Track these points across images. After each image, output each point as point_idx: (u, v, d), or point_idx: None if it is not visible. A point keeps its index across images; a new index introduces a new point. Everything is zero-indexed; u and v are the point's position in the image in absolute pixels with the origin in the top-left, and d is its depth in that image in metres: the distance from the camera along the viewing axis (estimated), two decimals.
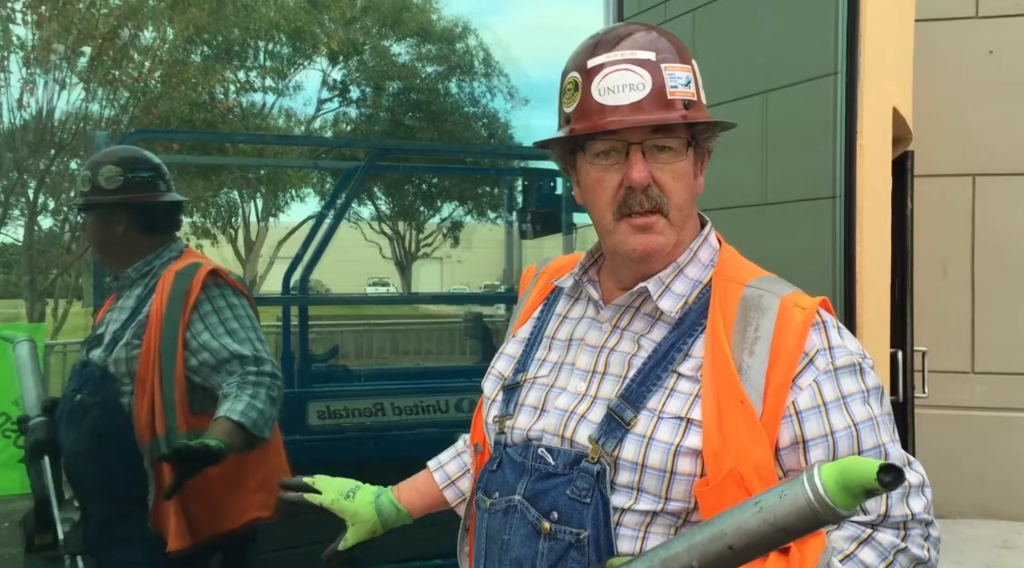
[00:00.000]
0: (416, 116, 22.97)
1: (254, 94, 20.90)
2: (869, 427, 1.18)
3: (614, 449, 1.19)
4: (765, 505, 0.92)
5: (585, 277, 1.38)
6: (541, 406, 1.30)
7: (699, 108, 1.26)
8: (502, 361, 1.43)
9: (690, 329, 1.26)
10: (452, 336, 13.24)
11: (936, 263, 5.33)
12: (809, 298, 1.26)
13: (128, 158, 2.50)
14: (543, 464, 1.25)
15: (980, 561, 4.72)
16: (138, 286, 2.46)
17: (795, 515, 0.90)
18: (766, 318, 1.21)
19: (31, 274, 12.93)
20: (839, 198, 2.89)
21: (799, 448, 1.18)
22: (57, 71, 12.50)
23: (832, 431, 1.17)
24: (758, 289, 1.25)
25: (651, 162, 1.23)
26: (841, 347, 1.22)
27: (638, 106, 1.21)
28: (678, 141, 1.24)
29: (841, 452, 1.17)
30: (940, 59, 5.01)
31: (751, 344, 1.20)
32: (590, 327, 1.33)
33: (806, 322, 1.20)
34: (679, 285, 1.29)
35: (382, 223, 29.04)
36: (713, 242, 1.35)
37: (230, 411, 2.20)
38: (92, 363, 2.39)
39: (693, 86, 1.25)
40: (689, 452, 1.17)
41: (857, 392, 1.20)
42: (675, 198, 1.25)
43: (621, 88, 1.22)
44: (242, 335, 2.36)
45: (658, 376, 1.23)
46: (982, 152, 5.34)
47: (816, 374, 1.19)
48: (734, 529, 0.94)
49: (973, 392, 5.39)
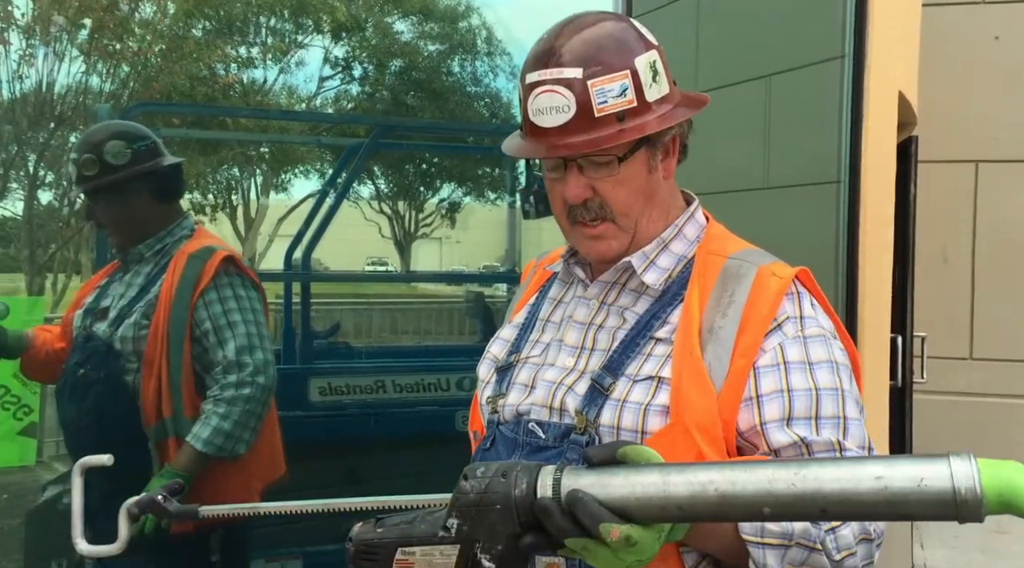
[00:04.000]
0: (418, 95, 22.87)
1: (255, 71, 20.81)
2: (832, 395, 1.18)
3: (596, 417, 1.21)
4: (892, 485, 0.82)
5: (573, 259, 1.40)
6: (531, 383, 1.32)
7: (640, 112, 1.24)
8: (497, 345, 1.46)
9: (671, 299, 1.28)
10: (451, 316, 13.25)
11: (937, 249, 5.34)
12: (788, 268, 1.27)
13: (126, 131, 2.48)
14: (534, 438, 1.26)
15: (975, 545, 4.75)
16: (148, 263, 2.44)
17: (934, 506, 0.81)
18: (742, 285, 1.23)
19: (30, 248, 12.91)
20: (843, 183, 2.89)
21: (752, 403, 1.18)
22: (57, 43, 12.42)
23: (789, 389, 1.18)
24: (738, 260, 1.28)
25: (591, 174, 1.25)
26: (812, 319, 1.24)
27: (564, 129, 1.21)
28: (611, 157, 1.24)
29: (797, 411, 1.17)
30: (946, 44, 4.99)
31: (724, 308, 1.22)
32: (578, 304, 1.36)
33: (780, 290, 1.22)
34: (664, 259, 1.31)
35: (381, 202, 28.98)
36: (700, 219, 1.37)
37: (195, 438, 2.25)
38: (96, 337, 2.37)
39: (632, 92, 1.23)
40: (659, 410, 1.19)
41: (826, 361, 1.21)
42: (618, 205, 1.27)
43: (548, 110, 1.22)
44: (240, 330, 2.34)
45: (637, 344, 1.26)
46: (985, 138, 5.33)
47: (783, 339, 1.21)
48: (838, 494, 0.82)
49: (971, 378, 5.41)
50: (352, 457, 3.82)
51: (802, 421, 1.17)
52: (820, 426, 1.17)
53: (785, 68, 3.02)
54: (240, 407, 2.28)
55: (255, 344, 2.37)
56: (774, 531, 1.09)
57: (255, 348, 2.36)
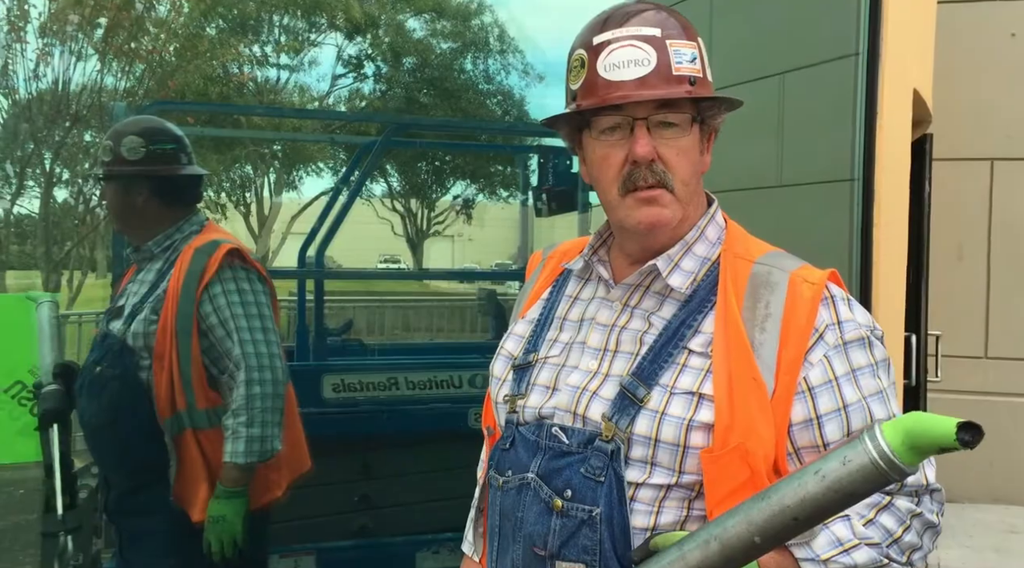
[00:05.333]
0: (430, 93, 22.90)
1: (269, 69, 20.89)
2: (879, 399, 1.21)
3: (628, 426, 1.20)
4: (828, 473, 0.92)
5: (595, 257, 1.38)
6: (553, 385, 1.30)
7: (704, 85, 1.27)
8: (511, 341, 1.44)
9: (700, 306, 1.26)
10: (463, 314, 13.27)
11: (952, 247, 5.30)
12: (817, 272, 1.27)
13: (151, 129, 2.48)
14: (557, 443, 1.25)
15: (988, 545, 4.73)
16: (159, 260, 2.45)
17: (861, 478, 0.90)
18: (776, 295, 1.22)
19: (46, 245, 13.00)
20: (857, 181, 2.87)
21: (813, 424, 1.19)
22: (73, 42, 12.50)
23: (845, 405, 1.19)
24: (766, 265, 1.27)
25: (656, 138, 1.24)
26: (850, 321, 1.23)
27: (643, 81, 1.22)
28: (682, 117, 1.25)
29: (854, 425, 1.18)
30: (961, 41, 4.96)
31: (762, 321, 1.21)
32: (600, 306, 1.34)
33: (815, 298, 1.22)
34: (688, 262, 1.30)
35: (394, 200, 29.03)
36: (719, 220, 1.36)
37: (233, 456, 2.29)
38: (112, 335, 2.40)
39: (699, 63, 1.26)
40: (701, 426, 1.18)
41: (867, 366, 1.22)
42: (680, 173, 1.26)
43: (626, 64, 1.22)
44: (243, 324, 2.35)
45: (669, 353, 1.24)
46: (1001, 136, 5.29)
47: (826, 349, 1.20)
48: (798, 501, 0.93)
49: (986, 377, 5.38)
50: (365, 453, 3.84)
51: None
52: None
53: (799, 66, 3.02)
54: (258, 406, 2.29)
55: (259, 338, 2.36)
56: (834, 564, 1.13)
57: (259, 342, 2.36)
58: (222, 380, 2.37)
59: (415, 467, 3.80)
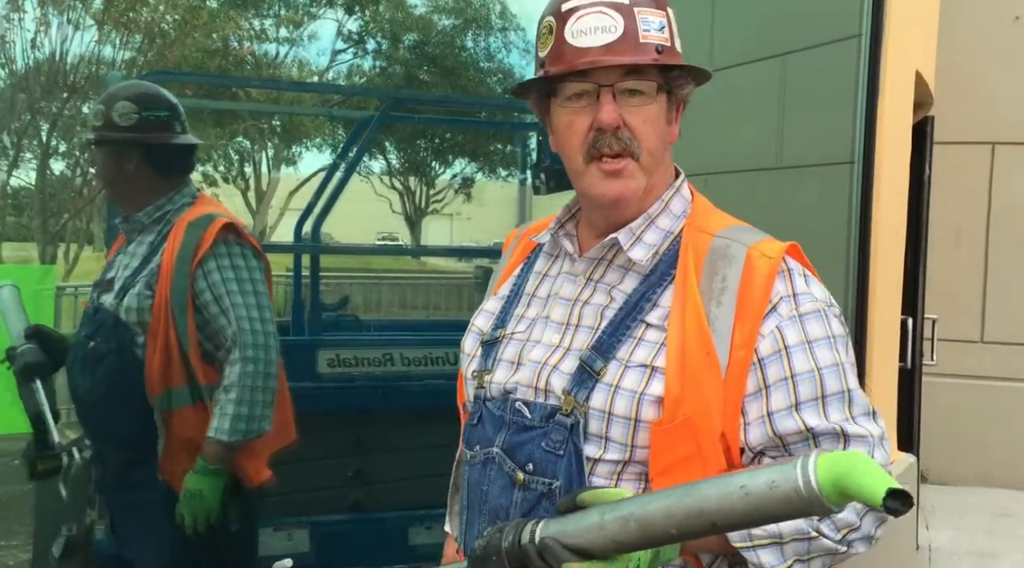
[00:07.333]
0: (431, 70, 22.78)
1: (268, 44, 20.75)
2: (835, 372, 1.19)
3: (585, 399, 1.21)
4: (752, 492, 0.91)
5: (562, 231, 1.38)
6: (517, 360, 1.31)
7: (672, 54, 1.26)
8: (481, 318, 1.44)
9: (660, 279, 1.26)
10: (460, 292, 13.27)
11: (950, 231, 5.30)
12: (776, 245, 1.25)
13: (144, 95, 2.43)
14: (520, 417, 1.26)
15: (979, 528, 4.76)
16: (150, 232, 2.41)
17: (784, 505, 0.89)
18: (733, 268, 1.22)
19: (43, 217, 12.97)
20: (857, 163, 2.86)
21: (761, 395, 1.19)
22: (71, 12, 12.41)
23: (793, 374, 1.18)
24: (726, 239, 1.26)
25: (622, 105, 1.23)
26: (806, 294, 1.22)
27: (610, 48, 1.22)
28: (649, 85, 1.24)
29: (803, 396, 1.17)
30: (964, 23, 4.93)
31: (718, 295, 1.21)
32: (565, 281, 1.34)
33: (771, 272, 1.21)
34: (650, 235, 1.29)
35: (392, 178, 28.95)
36: (685, 193, 1.35)
37: (218, 432, 2.25)
38: (103, 309, 2.36)
39: (667, 32, 1.26)
40: (653, 399, 1.18)
41: (823, 338, 1.20)
42: (646, 142, 1.25)
43: (593, 31, 1.22)
44: (238, 300, 2.32)
45: (628, 326, 1.24)
46: (1003, 120, 5.28)
47: (779, 320, 1.20)
48: (716, 508, 0.93)
49: (981, 361, 5.40)
50: (359, 428, 3.84)
51: (809, 404, 1.17)
52: (827, 405, 1.17)
53: (801, 47, 2.99)
54: (250, 384, 2.27)
55: (254, 315, 2.33)
56: (759, 534, 1.12)
57: (254, 319, 2.33)
58: (218, 356, 2.35)
59: (409, 443, 3.80)
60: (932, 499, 4.98)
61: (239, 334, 2.29)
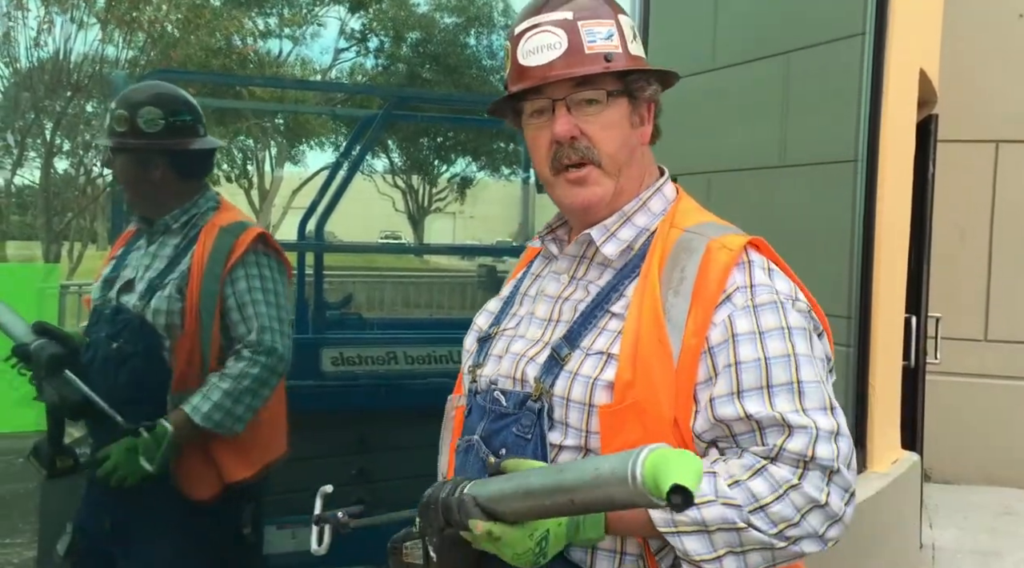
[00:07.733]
0: (434, 68, 22.77)
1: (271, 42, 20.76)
2: (784, 362, 1.19)
3: (551, 386, 1.27)
4: (601, 473, 0.95)
5: (551, 236, 1.44)
6: (503, 354, 1.38)
7: (626, 59, 1.31)
8: (482, 317, 1.52)
9: (630, 272, 1.31)
10: (463, 290, 13.27)
11: (954, 230, 5.29)
12: (739, 238, 1.28)
13: (168, 99, 2.39)
14: (497, 406, 1.33)
15: (982, 526, 4.76)
16: (176, 235, 2.39)
17: (621, 491, 0.93)
18: (692, 259, 1.25)
19: (47, 216, 12.98)
20: (861, 162, 2.86)
21: (710, 383, 1.21)
22: (74, 10, 12.42)
23: (738, 361, 1.19)
24: (692, 233, 1.30)
25: (578, 116, 1.29)
26: (765, 286, 1.24)
27: (553, 64, 1.28)
28: (601, 92, 1.30)
29: (746, 383, 1.18)
30: (968, 21, 4.92)
31: (676, 285, 1.24)
32: (551, 280, 1.41)
33: (729, 262, 1.24)
34: (625, 232, 1.34)
35: (395, 176, 28.94)
36: (668, 192, 1.39)
37: (194, 410, 2.22)
38: (126, 310, 2.35)
39: (617, 39, 1.31)
40: (606, 385, 1.22)
41: (776, 328, 1.21)
42: (605, 148, 1.30)
43: (540, 49, 1.30)
44: (261, 310, 2.31)
45: (595, 316, 1.30)
46: (1007, 119, 5.27)
47: (732, 310, 1.22)
48: (574, 485, 0.98)
49: (985, 359, 5.39)
50: (362, 427, 3.84)
51: (753, 393, 1.18)
52: (773, 395, 1.17)
53: (804, 45, 2.99)
54: (245, 385, 2.26)
55: (274, 327, 2.33)
56: (683, 520, 1.13)
57: (273, 331, 2.32)
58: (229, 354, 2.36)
59: (412, 441, 3.80)
60: (936, 498, 4.98)
61: (256, 341, 2.30)
